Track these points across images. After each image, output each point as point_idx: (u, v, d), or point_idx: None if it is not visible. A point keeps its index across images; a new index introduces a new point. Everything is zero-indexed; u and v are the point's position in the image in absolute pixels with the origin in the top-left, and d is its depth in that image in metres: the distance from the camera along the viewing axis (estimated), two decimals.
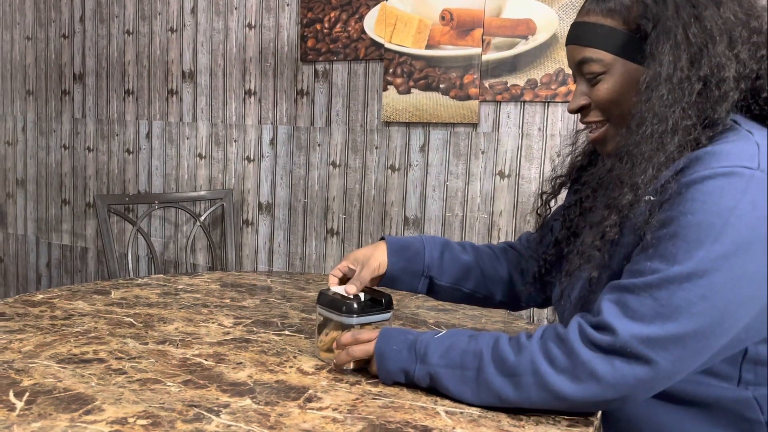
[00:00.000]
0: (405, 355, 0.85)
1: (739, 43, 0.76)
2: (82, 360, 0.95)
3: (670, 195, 0.72)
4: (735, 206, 0.69)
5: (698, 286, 0.69)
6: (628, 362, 0.70)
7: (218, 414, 0.78)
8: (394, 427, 0.76)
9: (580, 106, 0.86)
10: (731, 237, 0.68)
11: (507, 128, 1.89)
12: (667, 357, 0.69)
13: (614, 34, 0.80)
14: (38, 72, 2.81)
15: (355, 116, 2.12)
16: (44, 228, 2.87)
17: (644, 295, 0.71)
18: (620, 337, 0.70)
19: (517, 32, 1.83)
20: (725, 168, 0.70)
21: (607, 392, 0.72)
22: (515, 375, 0.76)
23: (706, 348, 0.71)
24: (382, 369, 0.87)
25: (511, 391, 0.77)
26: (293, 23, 2.19)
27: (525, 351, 0.76)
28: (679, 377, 0.73)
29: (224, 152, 2.38)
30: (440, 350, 0.82)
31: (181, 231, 2.51)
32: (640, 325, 0.70)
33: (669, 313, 0.69)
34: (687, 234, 0.70)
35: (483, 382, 0.78)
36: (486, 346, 0.80)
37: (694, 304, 0.69)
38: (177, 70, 2.44)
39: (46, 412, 0.76)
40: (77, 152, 2.73)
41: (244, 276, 1.62)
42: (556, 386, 0.73)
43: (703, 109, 0.76)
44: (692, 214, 0.70)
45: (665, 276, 0.70)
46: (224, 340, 1.08)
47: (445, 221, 2.00)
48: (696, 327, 0.69)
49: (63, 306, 1.24)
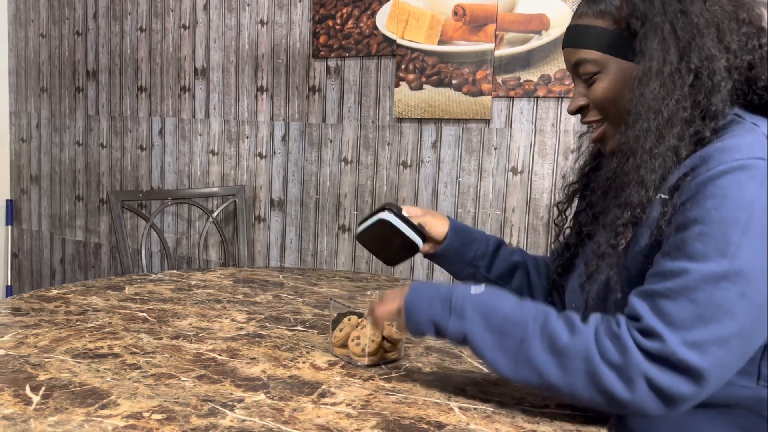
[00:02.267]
0: (438, 307, 0.81)
1: (728, 34, 0.77)
2: (97, 355, 0.95)
3: (688, 196, 0.72)
4: (756, 198, 0.68)
5: (736, 283, 0.67)
6: (677, 373, 0.68)
7: (232, 409, 0.78)
8: (408, 422, 0.76)
9: (579, 107, 0.88)
10: (758, 229, 0.68)
11: (520, 124, 1.88)
12: (714, 361, 0.68)
13: (606, 34, 0.83)
14: (52, 69, 2.83)
15: (367, 112, 2.11)
16: (58, 224, 2.89)
17: (681, 299, 0.68)
18: (668, 344, 0.68)
19: (531, 27, 1.81)
20: (739, 161, 0.69)
21: (654, 399, 0.69)
22: (564, 356, 0.72)
23: (748, 347, 0.70)
24: (411, 320, 0.83)
25: (555, 371, 0.73)
26: (305, 19, 2.19)
27: (580, 335, 0.72)
28: (724, 382, 0.71)
29: (236, 149, 2.38)
30: (480, 309, 0.78)
31: (193, 227, 2.52)
32: (683, 331, 0.68)
33: (711, 314, 0.67)
34: (714, 231, 0.69)
35: (524, 355, 0.74)
36: (533, 318, 0.76)
37: (734, 302, 0.67)
38: (189, 67, 2.45)
39: (63, 406, 0.77)
40: (91, 149, 2.75)
41: (257, 272, 1.63)
42: (606, 380, 0.70)
43: (697, 101, 0.76)
44: (715, 210, 0.69)
45: (700, 276, 0.68)
46: (237, 335, 1.08)
47: (457, 218, 1.99)
48: (739, 326, 0.68)
49: (77, 301, 1.25)
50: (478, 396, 0.85)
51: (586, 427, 0.77)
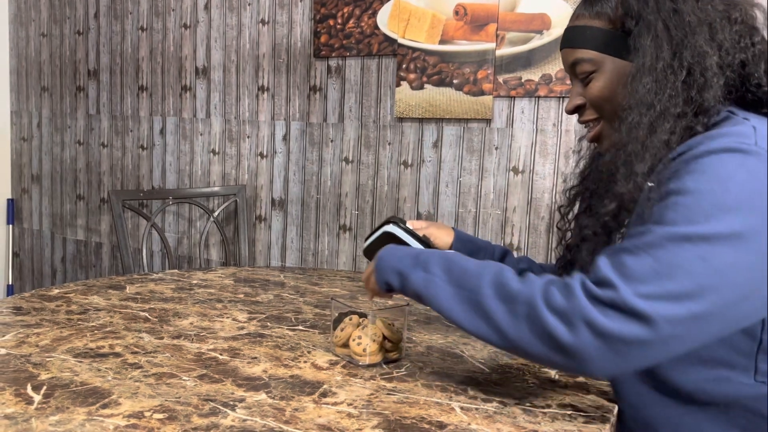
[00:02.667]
0: (407, 261, 0.85)
1: (720, 32, 0.79)
2: (98, 354, 0.95)
3: (671, 174, 0.74)
4: (733, 175, 0.69)
5: (697, 246, 0.67)
6: (625, 317, 0.67)
7: (234, 408, 0.78)
8: (410, 422, 0.76)
9: (576, 106, 0.91)
10: (730, 202, 0.68)
11: (521, 124, 1.88)
12: (663, 313, 0.66)
13: (602, 34, 0.85)
14: (53, 68, 2.83)
15: (368, 112, 2.11)
16: (59, 223, 2.89)
17: (642, 255, 0.69)
18: (620, 292, 0.67)
19: (532, 27, 1.81)
20: (723, 145, 0.71)
21: (598, 344, 0.68)
22: (512, 302, 0.74)
23: (706, 316, 0.67)
24: (379, 272, 0.88)
25: (502, 315, 0.74)
26: (306, 19, 2.19)
27: (528, 283, 0.74)
28: (678, 348, 0.68)
29: (237, 148, 2.38)
30: (443, 264, 0.82)
31: (194, 226, 2.52)
32: (637, 283, 0.67)
33: (667, 271, 0.67)
34: (686, 201, 0.70)
35: (476, 303, 0.76)
36: (490, 271, 0.78)
37: (693, 263, 0.67)
38: (190, 66, 2.45)
39: (64, 406, 0.77)
40: (91, 148, 2.75)
41: (258, 271, 1.63)
42: (549, 324, 0.70)
43: (689, 96, 0.78)
44: (692, 182, 0.70)
45: (664, 236, 0.69)
46: (239, 334, 1.08)
47: (458, 217, 1.99)
48: (695, 288, 0.66)
49: (79, 300, 1.25)
50: (479, 396, 0.85)
51: (588, 426, 0.77)
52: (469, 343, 1.09)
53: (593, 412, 0.82)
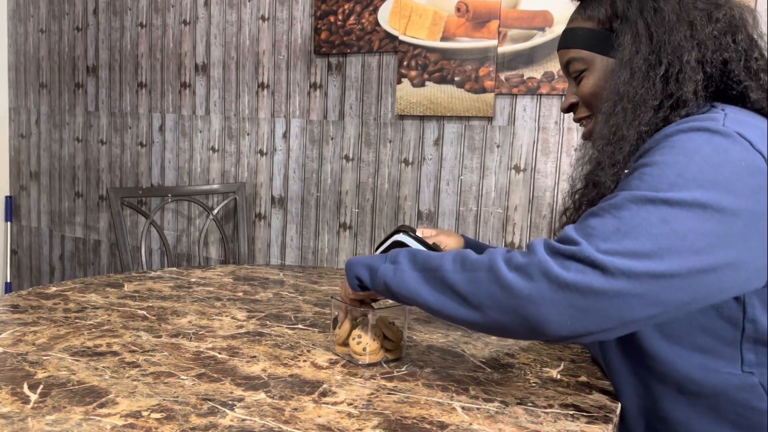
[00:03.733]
0: (377, 258, 0.89)
1: (701, 31, 0.82)
2: (95, 353, 0.94)
3: (643, 152, 0.77)
4: (699, 149, 0.71)
5: (659, 208, 0.69)
6: (583, 267, 0.68)
7: (232, 408, 0.77)
8: (410, 422, 0.75)
9: (570, 104, 0.96)
10: (694, 174, 0.70)
11: (523, 122, 1.86)
12: (621, 267, 0.66)
13: (592, 34, 0.90)
14: (51, 65, 2.82)
15: (368, 109, 2.10)
16: (57, 221, 2.88)
17: (605, 216, 0.71)
18: (581, 247, 0.69)
19: (534, 24, 1.80)
20: (692, 124, 0.74)
21: (554, 295, 0.68)
22: (472, 270, 0.76)
23: (667, 277, 0.67)
24: (349, 267, 0.91)
25: (464, 284, 0.75)
26: (307, 15, 2.18)
27: (488, 253, 0.77)
28: (638, 310, 0.68)
29: (237, 145, 2.37)
30: (411, 256, 0.85)
31: (193, 224, 2.51)
32: (598, 240, 0.69)
33: (628, 229, 0.69)
34: (651, 170, 0.72)
35: (440, 279, 0.78)
36: (452, 253, 0.81)
37: (654, 224, 0.68)
38: (190, 63, 2.44)
39: (60, 405, 0.76)
40: (90, 145, 2.74)
41: (257, 269, 1.61)
42: (507, 279, 0.71)
43: (667, 90, 0.81)
44: (660, 155, 0.73)
45: (628, 198, 0.71)
46: (238, 333, 1.07)
47: (459, 216, 1.98)
48: (654, 247, 0.67)
49: (76, 299, 1.24)
50: (480, 396, 0.84)
51: (591, 427, 0.76)
52: (470, 342, 1.08)
53: (596, 412, 0.81)
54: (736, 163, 0.70)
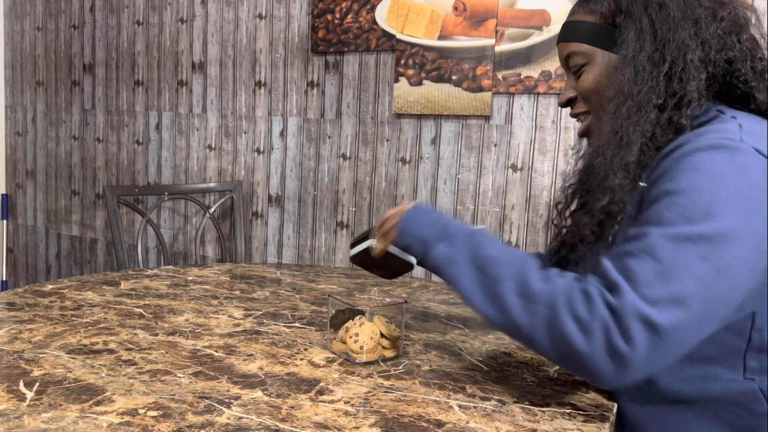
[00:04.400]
0: (433, 230, 0.85)
1: (705, 29, 0.81)
2: (92, 350, 0.94)
3: (662, 172, 0.75)
4: (725, 171, 0.70)
5: (698, 245, 0.68)
6: (635, 325, 0.67)
7: (229, 406, 0.77)
8: (407, 420, 0.75)
9: (568, 99, 0.94)
10: (725, 199, 0.69)
11: (520, 120, 1.87)
12: (671, 320, 0.67)
13: (593, 28, 0.89)
14: (48, 63, 2.81)
15: (365, 108, 2.10)
16: (54, 219, 2.88)
17: (644, 257, 0.70)
18: (628, 299, 0.68)
19: (531, 23, 1.80)
20: (710, 142, 0.72)
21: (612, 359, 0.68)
22: (531, 301, 0.74)
23: (710, 314, 0.69)
24: (403, 232, 0.88)
25: (520, 313, 0.75)
26: (304, 13, 2.18)
27: (551, 284, 0.74)
28: (686, 347, 0.69)
29: (234, 144, 2.37)
30: (470, 243, 0.82)
31: (190, 223, 2.50)
32: (643, 287, 0.68)
33: (671, 273, 0.68)
34: (682, 200, 0.71)
35: (496, 293, 0.77)
36: (513, 262, 0.78)
37: (695, 263, 0.68)
38: (187, 61, 2.43)
39: (57, 403, 0.76)
40: (87, 143, 2.73)
41: (254, 268, 1.61)
42: (566, 330, 0.70)
43: (671, 89, 0.80)
44: (686, 181, 0.71)
45: (664, 237, 0.70)
46: (234, 331, 1.07)
47: (457, 214, 1.98)
48: (698, 287, 0.67)
49: (73, 296, 1.24)
50: (477, 394, 0.84)
51: (587, 425, 0.76)
52: (467, 341, 1.08)
53: (592, 410, 0.81)
54: (759, 182, 0.70)
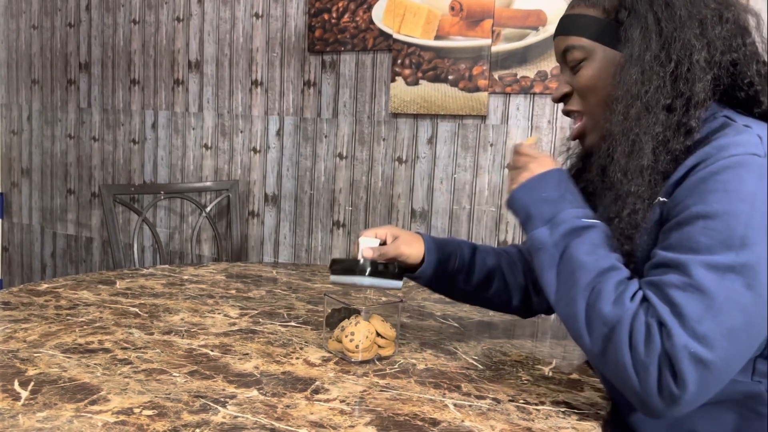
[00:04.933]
0: (545, 209, 0.82)
1: (710, 29, 0.79)
2: (87, 350, 0.94)
3: (689, 191, 0.73)
4: (756, 191, 0.70)
5: (742, 275, 0.68)
6: (687, 366, 0.68)
7: (225, 405, 0.77)
8: (403, 419, 0.75)
9: (563, 94, 0.91)
10: (761, 221, 0.69)
11: (516, 120, 1.87)
12: (722, 354, 0.68)
13: (595, 22, 0.86)
14: (44, 61, 2.80)
15: (362, 107, 2.10)
16: (49, 218, 2.87)
17: (690, 291, 0.69)
18: (678, 341, 0.68)
19: (528, 23, 1.80)
20: (737, 157, 0.71)
21: (665, 400, 0.70)
22: (597, 318, 0.74)
23: (754, 340, 0.70)
24: (516, 195, 0.85)
25: (581, 326, 0.75)
26: (301, 13, 2.18)
27: (619, 308, 0.73)
28: (732, 374, 0.71)
29: (230, 143, 2.37)
30: (569, 240, 0.79)
31: (186, 222, 2.50)
32: (693, 322, 0.68)
33: (718, 306, 0.68)
34: (717, 225, 0.70)
35: (570, 297, 0.77)
36: (595, 272, 0.76)
37: (741, 294, 0.68)
38: (183, 60, 2.43)
39: (51, 402, 0.76)
40: (83, 142, 2.73)
41: (250, 267, 1.61)
42: (623, 357, 0.71)
43: (677, 89, 0.79)
44: (718, 203, 0.70)
45: (707, 269, 0.69)
46: (230, 331, 1.07)
47: (453, 214, 1.99)
48: (746, 318, 0.68)
49: (68, 296, 1.24)
50: (472, 393, 0.84)
51: (581, 423, 0.77)
52: (462, 340, 1.08)
53: (587, 409, 0.82)
54: None
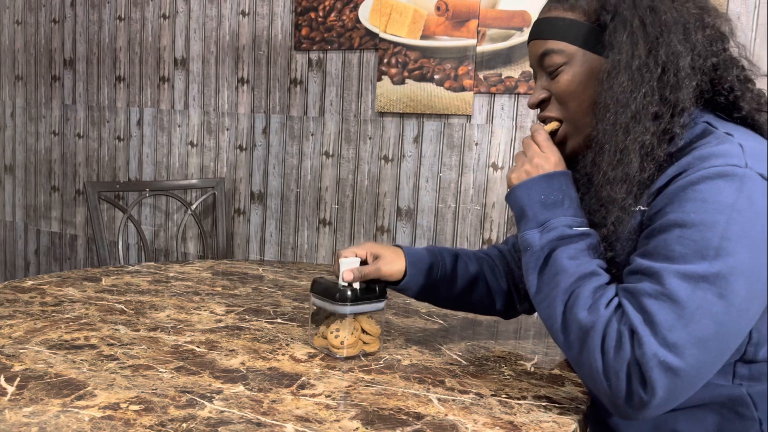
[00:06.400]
0: (539, 211, 0.83)
1: (693, 34, 0.79)
2: (73, 346, 0.94)
3: (668, 200, 0.74)
4: (734, 202, 0.70)
5: (714, 284, 0.69)
6: (657, 374, 0.69)
7: (211, 400, 0.78)
8: (387, 413, 0.76)
9: (540, 100, 0.89)
10: (737, 233, 0.69)
11: (501, 120, 1.89)
12: (692, 362, 0.69)
13: (576, 26, 0.83)
14: (28, 57, 2.78)
15: (348, 106, 2.11)
16: (33, 215, 2.84)
17: (663, 299, 0.70)
18: (648, 349, 0.69)
19: (513, 24, 1.82)
20: (717, 168, 0.71)
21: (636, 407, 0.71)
22: (572, 322, 0.75)
23: (725, 349, 0.71)
24: (514, 193, 0.86)
25: (558, 328, 0.77)
26: (287, 11, 2.18)
27: (595, 315, 0.74)
28: (703, 382, 0.72)
29: (216, 140, 2.36)
30: (556, 244, 0.80)
31: (171, 219, 2.50)
32: (664, 332, 0.69)
33: (689, 315, 0.69)
34: (693, 234, 0.70)
35: (550, 300, 0.78)
36: (576, 276, 0.77)
37: (713, 303, 0.69)
38: (169, 57, 2.42)
39: (38, 397, 0.76)
40: (67, 139, 2.71)
41: (236, 265, 1.62)
42: (595, 362, 0.72)
43: (664, 96, 0.78)
44: (695, 213, 0.71)
45: (680, 278, 0.70)
46: (216, 327, 1.07)
47: (438, 213, 2.00)
48: (717, 327, 0.69)
49: (53, 292, 1.24)
50: (456, 388, 0.86)
51: (562, 418, 0.79)
52: (447, 337, 1.10)
53: (567, 403, 0.83)
54: (766, 211, 0.70)
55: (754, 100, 0.82)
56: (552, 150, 0.86)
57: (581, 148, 0.87)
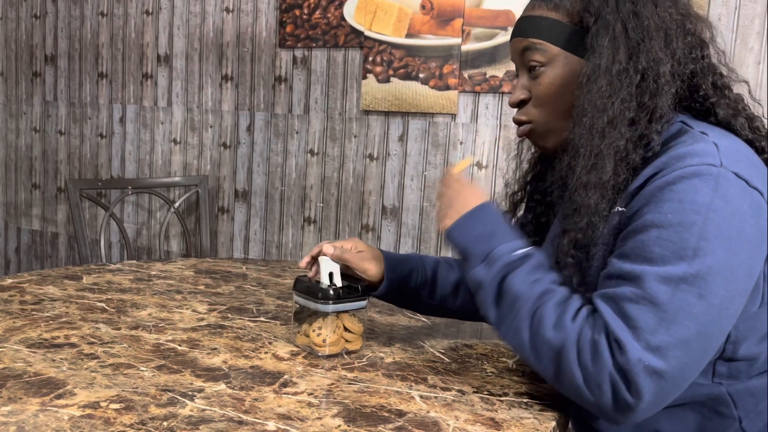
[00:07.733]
0: (480, 247, 0.82)
1: (675, 40, 0.79)
2: (52, 344, 0.93)
3: (645, 201, 0.74)
4: (711, 202, 0.70)
5: (694, 285, 0.69)
6: (643, 379, 0.69)
7: (192, 398, 0.77)
8: (370, 411, 0.77)
9: (521, 100, 0.89)
10: (714, 232, 0.70)
11: (485, 119, 1.90)
12: (675, 364, 0.69)
13: (558, 27, 0.83)
14: (8, 53, 2.74)
15: (333, 104, 2.11)
16: (13, 212, 2.81)
17: (643, 303, 0.70)
18: (633, 351, 0.69)
19: (497, 23, 1.83)
20: (693, 167, 0.71)
21: (620, 411, 0.72)
22: (542, 344, 0.75)
23: (707, 348, 0.72)
24: (452, 234, 0.85)
25: (529, 354, 0.77)
26: (272, 8, 2.17)
27: (562, 331, 0.74)
28: (688, 382, 0.72)
29: (200, 138, 2.35)
30: (505, 272, 0.80)
31: (154, 217, 2.48)
32: (646, 334, 0.69)
33: (670, 317, 0.69)
34: (671, 235, 0.70)
35: (514, 327, 0.78)
36: (534, 299, 0.77)
37: (693, 304, 0.69)
38: (152, 54, 2.40)
39: (17, 396, 0.75)
40: (48, 135, 2.68)
41: (219, 263, 1.61)
42: (575, 378, 0.72)
43: (642, 102, 0.78)
44: (672, 214, 0.71)
45: (660, 280, 0.70)
46: (198, 326, 1.07)
47: (423, 211, 2.01)
48: (699, 328, 0.69)
49: (33, 291, 1.22)
50: (438, 385, 0.86)
51: (543, 414, 0.79)
52: (430, 335, 1.10)
53: (549, 400, 0.84)
54: (742, 210, 0.71)
55: (730, 106, 0.82)
56: (467, 186, 0.89)
57: (555, 150, 0.87)
